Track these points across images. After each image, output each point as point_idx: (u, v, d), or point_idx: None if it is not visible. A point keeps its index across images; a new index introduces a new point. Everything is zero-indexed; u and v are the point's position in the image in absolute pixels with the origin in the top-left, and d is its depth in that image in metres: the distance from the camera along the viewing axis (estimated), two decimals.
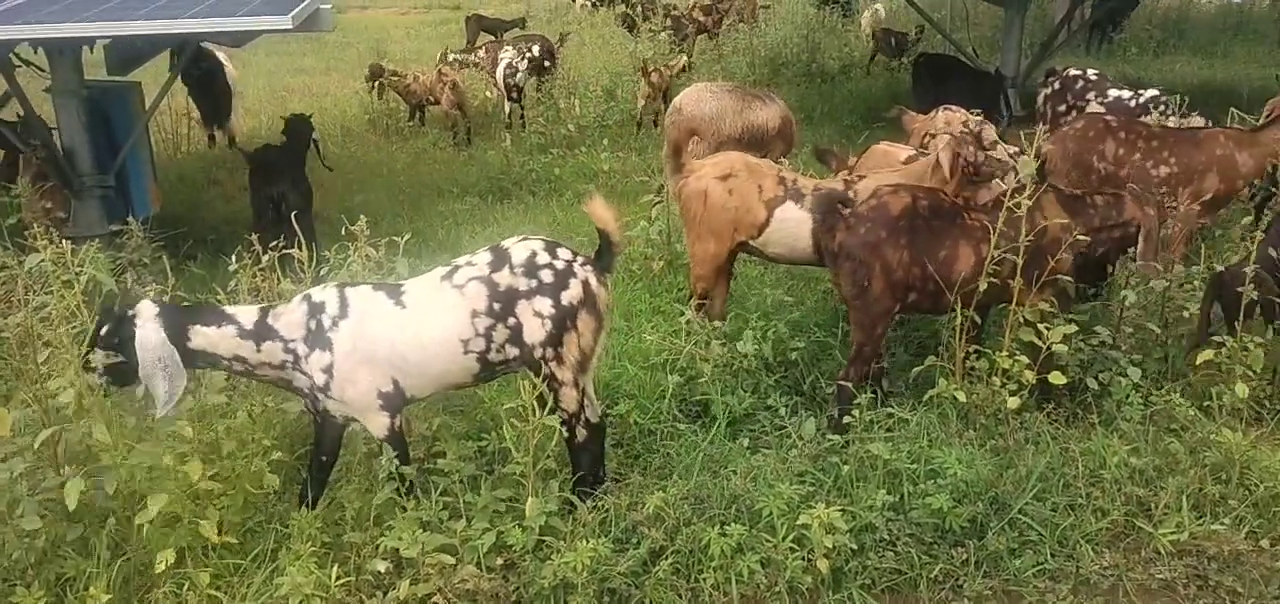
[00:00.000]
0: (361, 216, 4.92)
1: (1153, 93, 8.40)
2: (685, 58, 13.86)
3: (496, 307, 3.93)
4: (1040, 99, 9.14)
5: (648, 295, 6.56)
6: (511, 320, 3.95)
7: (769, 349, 5.22)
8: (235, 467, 4.09)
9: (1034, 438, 4.54)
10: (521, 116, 12.28)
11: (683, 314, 5.51)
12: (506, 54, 12.66)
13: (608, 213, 4.08)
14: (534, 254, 4.01)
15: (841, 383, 4.76)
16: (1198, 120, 7.65)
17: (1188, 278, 5.39)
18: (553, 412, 3.94)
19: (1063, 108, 8.73)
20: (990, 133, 5.11)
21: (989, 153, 5.06)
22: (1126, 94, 8.55)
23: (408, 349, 3.92)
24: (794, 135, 8.56)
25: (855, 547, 3.90)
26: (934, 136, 5.25)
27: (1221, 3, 19.97)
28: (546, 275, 3.97)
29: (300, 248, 4.88)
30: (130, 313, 3.80)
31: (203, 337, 3.87)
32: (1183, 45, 16.80)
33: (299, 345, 3.90)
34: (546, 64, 12.56)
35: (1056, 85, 9.01)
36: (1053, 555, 4.03)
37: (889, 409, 4.64)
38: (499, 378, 4.32)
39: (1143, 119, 7.52)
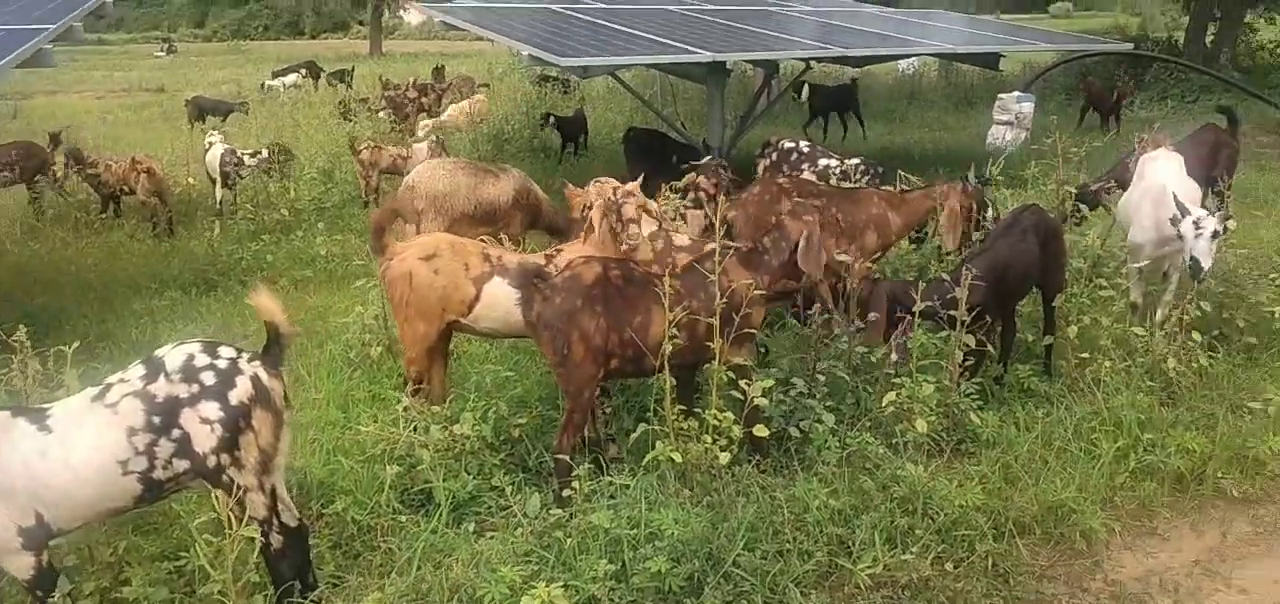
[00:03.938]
0: (21, 327, 4.42)
1: (856, 161, 9.19)
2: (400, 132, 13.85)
3: (156, 420, 3.62)
4: (759, 168, 9.75)
5: (366, 383, 6.33)
6: (176, 432, 3.65)
7: (489, 429, 5.16)
8: None
9: (744, 490, 4.71)
10: (234, 202, 11.63)
11: (400, 401, 5.35)
12: (216, 139, 12.13)
13: (273, 303, 3.89)
14: (191, 357, 3.73)
15: (557, 456, 4.79)
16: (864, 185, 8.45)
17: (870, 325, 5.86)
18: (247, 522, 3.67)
19: (780, 176, 9.30)
20: (630, 208, 5.35)
21: (628, 224, 5.30)
22: (834, 162, 9.28)
23: (52, 477, 3.51)
24: (539, 205, 8.53)
25: None
26: (589, 207, 5.49)
27: (897, 75, 22.32)
28: (208, 378, 3.70)
29: None
30: None
31: None
32: (865, 112, 18.54)
33: None
34: (283, 161, 12.09)
35: (774, 156, 9.69)
36: (764, 603, 4.19)
37: (610, 477, 4.70)
38: (170, 495, 3.97)
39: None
